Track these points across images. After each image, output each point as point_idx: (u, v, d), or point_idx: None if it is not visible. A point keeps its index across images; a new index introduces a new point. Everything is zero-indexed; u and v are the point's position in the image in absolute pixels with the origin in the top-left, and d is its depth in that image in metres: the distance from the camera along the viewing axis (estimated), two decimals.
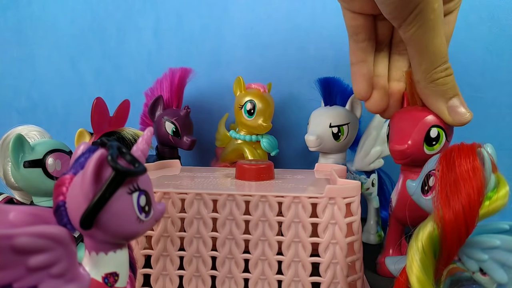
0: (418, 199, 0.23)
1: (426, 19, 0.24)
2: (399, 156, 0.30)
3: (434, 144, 0.29)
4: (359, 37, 0.30)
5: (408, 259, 0.18)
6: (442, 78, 0.27)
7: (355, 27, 0.30)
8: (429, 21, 0.24)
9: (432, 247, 0.18)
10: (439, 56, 0.26)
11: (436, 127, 0.29)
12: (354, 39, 0.30)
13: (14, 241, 0.13)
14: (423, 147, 0.29)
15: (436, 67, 0.26)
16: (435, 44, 0.25)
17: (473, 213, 0.17)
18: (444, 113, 0.28)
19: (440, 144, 0.29)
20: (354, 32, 0.30)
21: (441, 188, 0.19)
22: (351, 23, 0.30)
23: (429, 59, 0.26)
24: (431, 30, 0.25)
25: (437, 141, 0.29)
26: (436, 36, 0.25)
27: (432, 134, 0.29)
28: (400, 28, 0.26)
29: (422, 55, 0.26)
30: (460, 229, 0.17)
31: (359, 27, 0.30)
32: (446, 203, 0.18)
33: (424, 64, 0.27)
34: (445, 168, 0.19)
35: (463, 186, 0.18)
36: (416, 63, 0.27)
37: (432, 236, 0.18)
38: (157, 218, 0.18)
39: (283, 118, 0.54)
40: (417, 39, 0.25)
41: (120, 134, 0.36)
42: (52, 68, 0.59)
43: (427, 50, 0.26)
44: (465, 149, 0.19)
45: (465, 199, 0.17)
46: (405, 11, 0.24)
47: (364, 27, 0.30)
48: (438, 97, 0.28)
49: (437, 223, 0.18)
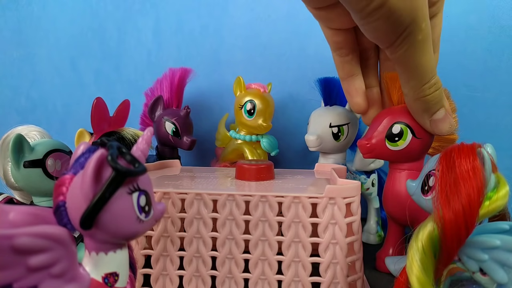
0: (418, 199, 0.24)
1: (415, 41, 0.23)
2: (362, 151, 0.32)
3: (396, 140, 0.30)
4: (343, 52, 0.30)
5: (408, 259, 0.18)
6: (430, 95, 0.26)
7: (337, 43, 0.29)
8: (418, 42, 0.23)
9: (432, 247, 0.18)
10: (427, 72, 0.25)
11: (400, 123, 0.30)
12: (338, 53, 0.30)
13: (14, 241, 0.13)
14: (385, 143, 0.30)
15: (424, 83, 0.26)
16: (424, 62, 0.25)
17: (473, 213, 0.17)
18: (426, 125, 0.29)
19: (404, 140, 0.30)
20: (337, 47, 0.30)
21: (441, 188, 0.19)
22: (333, 39, 0.29)
23: (418, 77, 0.25)
24: (419, 50, 0.24)
25: (400, 137, 0.30)
26: (425, 54, 0.24)
27: (394, 131, 0.30)
28: (386, 50, 0.24)
29: (410, 72, 0.25)
30: (460, 229, 0.17)
31: (341, 43, 0.29)
32: (446, 203, 0.18)
33: (413, 81, 0.26)
34: (445, 168, 0.19)
35: (463, 186, 0.18)
36: (404, 80, 0.26)
37: (432, 236, 0.18)
38: (157, 218, 0.18)
39: (283, 118, 0.54)
40: (405, 59, 0.24)
41: (120, 134, 0.36)
42: (52, 68, 0.59)
43: (416, 69, 0.25)
44: (465, 149, 0.19)
45: (465, 199, 0.17)
46: (393, 35, 0.23)
47: (346, 42, 0.29)
48: (423, 112, 0.28)
49: (437, 223, 0.18)
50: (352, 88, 0.31)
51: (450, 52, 0.28)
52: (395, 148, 0.30)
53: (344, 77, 0.31)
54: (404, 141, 0.30)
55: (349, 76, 0.31)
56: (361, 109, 0.32)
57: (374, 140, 0.31)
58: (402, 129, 0.30)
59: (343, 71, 0.31)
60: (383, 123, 0.31)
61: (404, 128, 0.30)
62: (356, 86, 0.31)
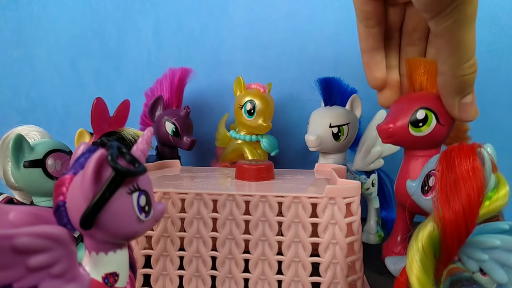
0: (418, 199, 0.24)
1: (464, 13, 0.22)
2: (382, 135, 0.31)
3: (420, 125, 0.29)
4: (370, 23, 0.29)
5: (408, 259, 0.18)
6: (469, 75, 0.26)
7: (365, 12, 0.28)
8: (466, 15, 0.23)
9: (432, 247, 0.18)
10: (469, 50, 0.25)
11: (424, 109, 0.29)
12: (364, 24, 0.29)
13: (14, 241, 0.13)
14: (408, 128, 0.30)
15: (465, 62, 0.25)
16: (468, 38, 0.24)
17: (473, 213, 0.17)
18: (455, 108, 0.28)
19: (428, 126, 0.29)
20: (365, 17, 0.29)
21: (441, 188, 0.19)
22: (362, 8, 0.28)
23: (460, 53, 0.25)
24: (466, 25, 0.23)
25: (425, 122, 0.29)
26: (470, 30, 0.24)
27: (418, 116, 0.29)
28: (431, 20, 0.24)
29: (453, 48, 0.24)
30: (460, 229, 0.17)
31: (369, 13, 0.28)
32: (446, 203, 0.18)
33: (455, 57, 0.25)
34: (445, 168, 0.19)
35: (463, 186, 0.18)
36: (446, 55, 0.25)
37: (432, 236, 0.18)
38: (157, 218, 0.18)
39: (283, 118, 0.54)
40: (451, 32, 0.24)
41: (120, 134, 0.36)
42: (52, 68, 0.59)
43: (459, 44, 0.24)
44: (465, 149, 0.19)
45: (465, 199, 0.17)
46: (443, 3, 0.22)
47: (375, 13, 0.28)
48: (457, 92, 0.27)
49: (437, 223, 0.18)
50: (373, 62, 0.30)
51: None
52: (418, 134, 0.30)
53: (366, 49, 0.30)
54: (428, 127, 0.29)
55: (372, 49, 0.30)
56: (378, 83, 0.31)
57: (398, 123, 0.30)
58: (427, 115, 0.29)
59: (366, 43, 0.30)
60: (407, 108, 0.30)
61: (429, 113, 0.29)
62: (377, 59, 0.30)
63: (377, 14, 0.29)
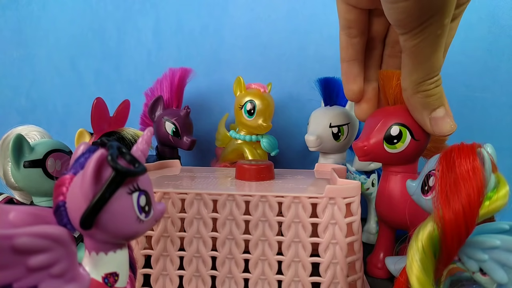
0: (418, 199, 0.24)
1: (433, 34, 0.23)
2: (358, 153, 0.31)
3: (395, 142, 0.29)
4: (351, 32, 0.28)
5: (408, 259, 0.18)
6: (431, 90, 0.26)
7: (348, 21, 0.28)
8: (436, 36, 0.23)
9: (432, 247, 0.18)
10: (433, 69, 0.25)
11: (398, 125, 0.29)
12: (346, 33, 0.29)
13: (14, 241, 0.13)
14: (383, 145, 0.29)
15: (427, 79, 0.25)
16: (434, 58, 0.24)
17: (473, 213, 0.17)
18: (426, 123, 0.27)
19: (403, 142, 0.29)
20: (347, 25, 0.28)
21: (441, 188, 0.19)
22: (345, 16, 0.28)
23: (423, 71, 0.25)
24: (434, 44, 0.23)
25: (399, 139, 0.29)
26: (437, 50, 0.24)
27: (392, 133, 0.29)
28: (402, 36, 0.24)
29: (417, 66, 0.25)
30: (460, 229, 0.17)
31: (352, 21, 0.28)
32: (446, 203, 0.18)
33: (416, 75, 0.25)
34: (445, 168, 0.19)
35: (463, 186, 0.18)
36: (407, 72, 0.26)
37: (432, 236, 0.18)
38: (157, 218, 0.18)
39: (283, 118, 0.54)
40: (418, 51, 0.24)
41: (120, 134, 0.36)
42: (52, 68, 0.59)
43: (424, 63, 0.24)
44: (465, 149, 0.19)
45: (465, 199, 0.17)
46: (416, 22, 0.22)
47: (357, 22, 0.28)
48: (422, 107, 0.27)
49: (437, 223, 0.18)
50: (351, 73, 0.30)
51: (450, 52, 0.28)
52: (393, 151, 0.29)
53: (345, 59, 0.30)
54: (403, 144, 0.29)
55: (351, 59, 0.30)
56: (354, 96, 0.31)
57: (372, 141, 0.29)
58: (401, 131, 0.29)
59: (346, 53, 0.30)
60: (380, 124, 0.29)
61: (403, 129, 0.29)
62: (355, 71, 0.30)
63: (360, 23, 0.28)
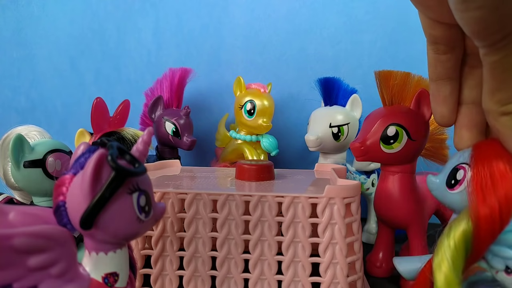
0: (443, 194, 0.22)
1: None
2: (355, 154, 0.31)
3: (392, 142, 0.29)
4: (439, 48, 0.23)
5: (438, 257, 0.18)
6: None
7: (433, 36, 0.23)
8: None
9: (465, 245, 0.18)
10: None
11: (395, 125, 0.29)
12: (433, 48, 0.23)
13: (14, 241, 0.13)
14: (380, 146, 0.29)
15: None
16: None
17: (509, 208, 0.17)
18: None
19: (400, 142, 0.29)
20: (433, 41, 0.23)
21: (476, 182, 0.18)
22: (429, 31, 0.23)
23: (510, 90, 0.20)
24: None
25: (395, 139, 0.29)
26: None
27: (389, 133, 0.29)
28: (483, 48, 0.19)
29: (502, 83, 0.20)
30: (494, 225, 0.17)
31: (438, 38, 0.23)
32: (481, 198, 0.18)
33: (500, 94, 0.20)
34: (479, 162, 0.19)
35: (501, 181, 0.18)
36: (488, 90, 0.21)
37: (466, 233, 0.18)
38: (157, 218, 0.18)
39: (283, 118, 0.54)
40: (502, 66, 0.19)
41: (120, 134, 0.36)
42: (52, 68, 0.59)
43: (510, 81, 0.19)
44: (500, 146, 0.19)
45: (502, 194, 0.17)
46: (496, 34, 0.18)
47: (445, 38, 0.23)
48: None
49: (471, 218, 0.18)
50: (439, 94, 0.25)
51: None
52: (389, 151, 0.29)
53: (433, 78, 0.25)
54: (399, 144, 0.29)
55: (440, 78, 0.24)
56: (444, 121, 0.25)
57: (368, 142, 0.30)
58: (397, 131, 0.29)
59: (434, 71, 0.24)
60: (377, 124, 0.29)
61: (400, 130, 0.29)
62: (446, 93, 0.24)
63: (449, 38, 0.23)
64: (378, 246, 0.34)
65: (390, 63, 0.51)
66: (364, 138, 0.30)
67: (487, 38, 0.18)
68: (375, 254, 0.34)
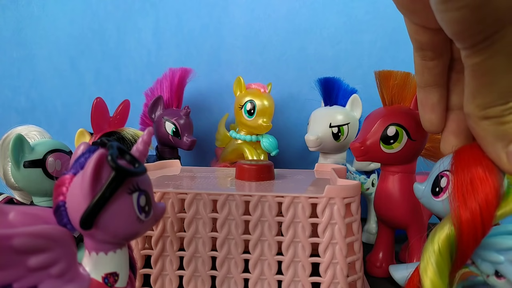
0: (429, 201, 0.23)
1: (504, 51, 0.17)
2: (355, 154, 0.31)
3: (392, 142, 0.29)
4: (426, 55, 0.23)
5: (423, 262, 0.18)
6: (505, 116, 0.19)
7: (419, 42, 0.23)
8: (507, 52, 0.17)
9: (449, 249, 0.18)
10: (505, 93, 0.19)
11: (395, 125, 0.29)
12: (420, 55, 0.23)
13: (14, 241, 0.13)
14: (380, 145, 0.29)
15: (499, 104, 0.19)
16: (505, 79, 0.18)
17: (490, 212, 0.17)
18: (500, 159, 0.20)
19: (400, 142, 0.29)
20: (419, 47, 0.23)
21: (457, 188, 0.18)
22: (415, 37, 0.23)
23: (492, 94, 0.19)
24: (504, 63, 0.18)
25: (395, 139, 0.29)
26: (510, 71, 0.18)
27: (389, 133, 0.29)
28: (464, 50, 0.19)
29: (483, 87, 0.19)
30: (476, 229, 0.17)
31: (424, 44, 0.22)
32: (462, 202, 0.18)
33: (481, 98, 0.19)
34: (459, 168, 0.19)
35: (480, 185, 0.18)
36: (469, 94, 0.20)
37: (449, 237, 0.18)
38: (157, 218, 0.18)
39: (283, 118, 0.54)
40: (483, 69, 0.18)
41: (120, 134, 0.36)
42: (52, 68, 0.59)
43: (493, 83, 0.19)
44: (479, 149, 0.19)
45: (482, 198, 0.17)
46: (477, 36, 0.17)
47: (432, 44, 0.22)
48: (495, 138, 0.20)
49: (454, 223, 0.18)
50: (427, 101, 0.24)
51: None
52: (389, 151, 0.29)
53: (421, 84, 0.24)
54: (399, 144, 0.29)
55: (428, 85, 0.24)
56: (432, 128, 0.25)
57: (368, 142, 0.30)
58: (397, 131, 0.29)
59: (422, 78, 0.24)
60: (377, 124, 0.30)
61: (400, 130, 0.29)
62: (434, 100, 0.24)
63: (436, 45, 0.22)
64: (378, 246, 0.34)
65: (390, 63, 0.51)
66: (364, 138, 0.30)
67: (468, 39, 0.18)
68: (375, 254, 0.34)
